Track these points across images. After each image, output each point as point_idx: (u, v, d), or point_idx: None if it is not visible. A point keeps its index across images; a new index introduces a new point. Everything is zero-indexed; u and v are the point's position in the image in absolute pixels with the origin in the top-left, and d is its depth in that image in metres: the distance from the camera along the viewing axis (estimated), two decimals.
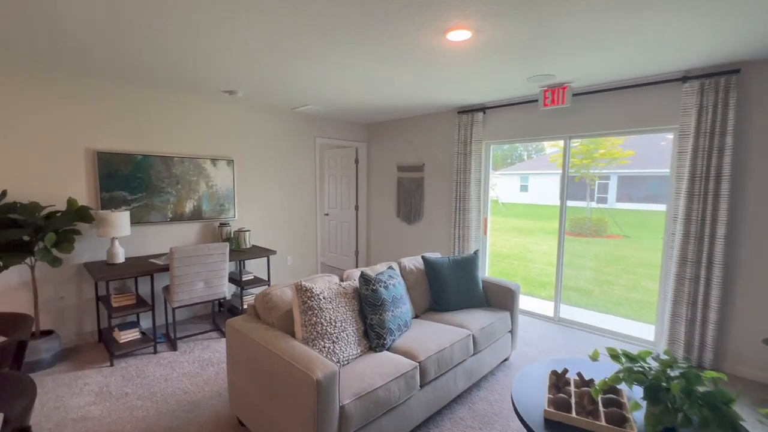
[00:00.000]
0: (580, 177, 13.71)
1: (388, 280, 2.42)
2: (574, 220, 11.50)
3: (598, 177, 15.45)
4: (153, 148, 3.66)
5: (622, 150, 10.90)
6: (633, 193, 16.65)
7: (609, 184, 16.86)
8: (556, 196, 19.16)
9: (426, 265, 3.02)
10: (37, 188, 3.07)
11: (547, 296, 5.35)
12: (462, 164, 4.39)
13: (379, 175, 5.63)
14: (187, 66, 2.89)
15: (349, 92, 3.69)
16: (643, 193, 16.12)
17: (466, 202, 4.37)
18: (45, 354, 2.86)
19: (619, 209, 15.28)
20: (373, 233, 5.81)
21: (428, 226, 4.99)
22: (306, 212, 5.07)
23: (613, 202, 16.31)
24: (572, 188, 18.37)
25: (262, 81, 3.31)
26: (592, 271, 6.56)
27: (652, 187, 15.65)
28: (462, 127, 4.37)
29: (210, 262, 3.28)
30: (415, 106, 4.40)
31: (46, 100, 3.06)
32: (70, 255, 3.23)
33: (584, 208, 14.18)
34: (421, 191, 5.01)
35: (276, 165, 4.67)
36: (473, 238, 4.36)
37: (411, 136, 5.12)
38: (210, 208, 4.09)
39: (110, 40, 2.37)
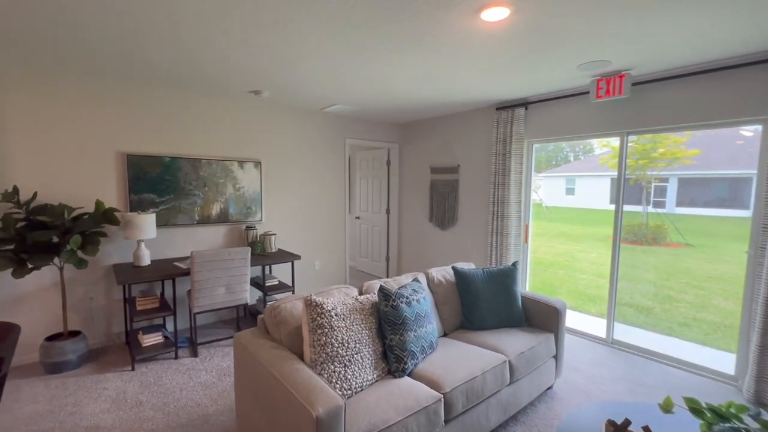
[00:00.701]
0: (636, 179, 12.60)
1: (412, 296, 2.15)
2: (628, 226, 10.52)
3: (656, 179, 14.14)
4: (181, 151, 3.65)
5: (685, 149, 9.79)
6: (696, 197, 15.05)
7: (667, 186, 15.37)
8: (605, 200, 17.84)
9: (457, 278, 2.71)
10: (69, 190, 3.12)
11: (597, 312, 4.80)
12: (501, 165, 4.01)
13: (412, 177, 5.36)
14: (214, 66, 2.81)
15: (380, 89, 3.46)
16: (709, 196, 14.52)
17: (505, 207, 3.99)
18: (71, 355, 2.88)
19: (680, 215, 13.87)
20: (405, 238, 5.54)
21: (463, 232, 4.64)
22: (335, 215, 4.91)
23: (672, 207, 14.83)
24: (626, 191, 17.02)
25: (288, 80, 3.17)
26: (651, 284, 5.84)
27: (720, 190, 14.05)
28: (501, 124, 4.00)
29: (231, 267, 3.18)
30: (450, 103, 4.09)
31: (78, 104, 3.11)
32: (95, 257, 3.27)
33: (639, 213, 13.00)
34: (456, 194, 4.68)
35: (304, 167, 4.55)
36: (512, 247, 3.96)
37: (446, 135, 4.81)
38: (237, 210, 4.03)
39: (138, 43, 2.32)
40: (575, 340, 3.57)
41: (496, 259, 4.11)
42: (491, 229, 4.14)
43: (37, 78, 2.93)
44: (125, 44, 2.43)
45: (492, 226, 4.13)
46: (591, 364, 3.10)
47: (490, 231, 4.14)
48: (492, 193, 4.11)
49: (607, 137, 3.40)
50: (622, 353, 3.30)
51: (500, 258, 4.07)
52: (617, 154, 3.38)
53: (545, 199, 19.84)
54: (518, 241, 3.98)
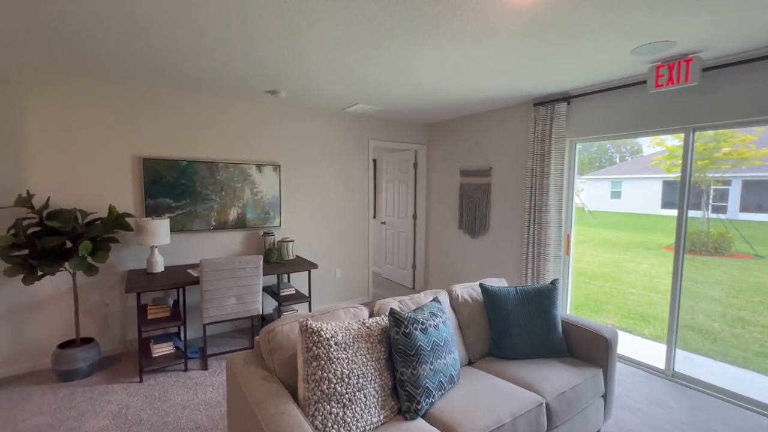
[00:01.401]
0: (695, 181, 11.43)
1: (429, 320, 1.84)
2: None
3: (716, 182, 12.74)
4: (198, 154, 3.55)
5: (756, 148, 8.68)
6: (765, 202, 13.44)
7: (729, 190, 13.86)
8: (655, 204, 16.48)
9: (485, 297, 2.36)
10: (85, 195, 3.09)
11: (652, 335, 4.21)
12: (538, 167, 3.59)
13: (440, 180, 5.01)
14: (229, 65, 2.65)
15: (403, 86, 3.18)
16: None
17: (543, 214, 3.56)
18: (82, 363, 2.81)
19: (745, 221, 12.45)
20: (432, 246, 5.20)
21: (495, 241, 4.24)
22: (358, 221, 4.67)
23: (735, 212, 13.33)
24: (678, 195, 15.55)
25: (304, 76, 2.96)
26: (717, 302, 5.09)
27: None
28: (539, 122, 3.58)
29: (242, 276, 3.01)
30: (481, 100, 3.73)
31: (94, 107, 3.08)
32: (112, 263, 3.21)
33: (697, 219, 11.76)
34: (488, 199, 4.29)
35: (325, 170, 4.35)
36: (551, 259, 3.52)
37: (476, 135, 4.43)
38: (255, 216, 3.89)
39: (153, 44, 2.20)
40: (627, 370, 3.08)
41: (533, 272, 3.68)
42: (527, 239, 3.72)
43: (53, 82, 2.92)
44: (141, 46, 2.35)
45: (528, 234, 3.71)
46: (647, 403, 2.62)
47: (525, 240, 3.72)
48: (528, 199, 3.69)
49: (667, 134, 2.91)
50: (685, 390, 2.78)
51: (537, 271, 3.64)
52: (675, 154, 2.87)
53: (587, 203, 18.62)
54: (558, 252, 3.54)
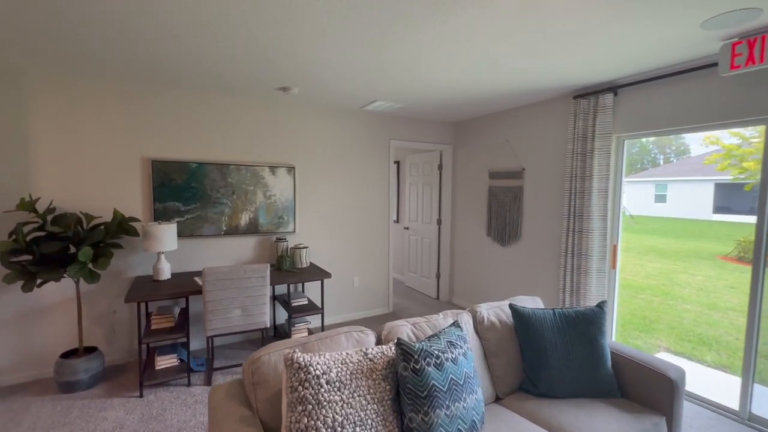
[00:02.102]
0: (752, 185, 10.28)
1: (446, 352, 1.51)
2: (744, 242, 8.52)
3: None
4: (208, 156, 3.40)
5: None
6: None
7: None
8: (707, 209, 15.15)
9: (517, 320, 2.00)
10: (93, 199, 2.99)
11: (715, 362, 3.63)
12: (579, 168, 3.16)
13: (467, 183, 4.64)
14: (239, 60, 2.45)
15: (424, 80, 2.87)
16: None
17: (584, 221, 3.12)
18: (83, 375, 2.69)
19: None
20: (458, 253, 4.82)
21: (528, 250, 3.82)
22: (378, 226, 4.38)
23: None
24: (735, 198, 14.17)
25: (317, 68, 2.72)
26: None
27: None
28: (579, 116, 3.15)
29: (247, 286, 2.80)
30: (514, 93, 3.34)
31: (102, 108, 2.98)
32: (113, 269, 3.10)
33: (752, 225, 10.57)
34: (519, 204, 3.87)
35: (343, 172, 4.10)
36: (594, 273, 3.08)
37: (507, 134, 4.04)
38: (267, 220, 3.69)
39: (161, 41, 2.03)
40: (689, 410, 2.59)
41: (572, 286, 3.24)
42: (565, 249, 3.28)
43: (59, 83, 2.84)
44: (146, 44, 2.21)
45: (566, 244, 3.28)
46: None
47: (563, 251, 3.29)
48: (567, 204, 3.26)
49: (743, 126, 2.42)
50: None
51: (577, 286, 3.20)
52: (733, 153, 2.38)
53: (629, 206, 17.41)
54: (602, 265, 3.08)
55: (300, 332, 3.46)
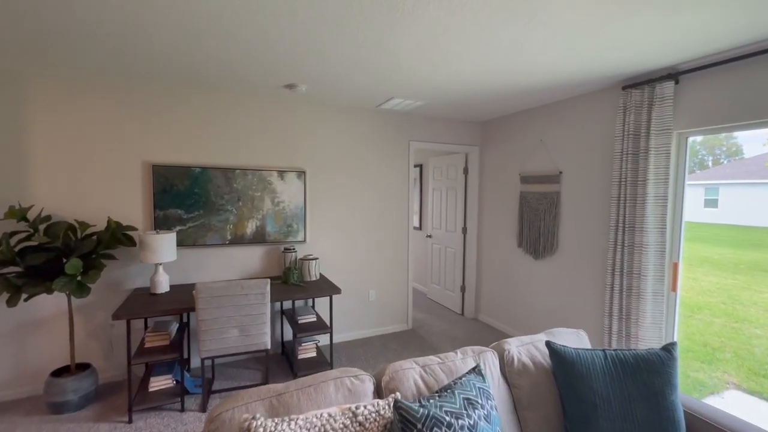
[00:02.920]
0: None
1: (462, 417, 1.14)
2: None
3: None
4: (212, 160, 3.18)
5: None
6: None
7: None
8: (766, 215, 13.76)
9: (555, 362, 1.58)
10: (91, 206, 2.83)
11: None
12: (630, 172, 2.68)
13: (495, 188, 4.20)
14: (241, 55, 2.20)
15: (444, 72, 2.50)
16: None
17: (637, 234, 2.63)
18: (72, 395, 2.51)
19: None
20: (485, 266, 4.38)
21: (566, 266, 3.34)
22: (396, 235, 4.03)
23: None
24: None
25: (327, 63, 2.42)
26: None
27: None
28: (631, 110, 2.67)
29: (244, 304, 2.53)
30: (551, 85, 2.91)
31: (101, 111, 2.82)
32: (112, 281, 2.92)
33: None
34: (556, 212, 3.40)
35: (358, 176, 3.79)
36: (649, 296, 2.58)
37: (542, 133, 3.58)
38: (275, 229, 3.43)
39: (161, 39, 1.82)
40: None
41: (621, 312, 2.75)
42: (612, 266, 2.80)
43: (56, 85, 2.70)
44: (148, 42, 2.06)
45: (614, 260, 2.79)
46: None
47: (610, 268, 2.81)
48: (615, 213, 2.78)
49: None
50: None
51: (627, 311, 2.70)
52: None
53: None
54: (659, 287, 2.57)
55: (307, 351, 3.16)
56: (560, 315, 3.40)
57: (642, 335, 2.60)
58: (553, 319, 3.48)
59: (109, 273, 2.91)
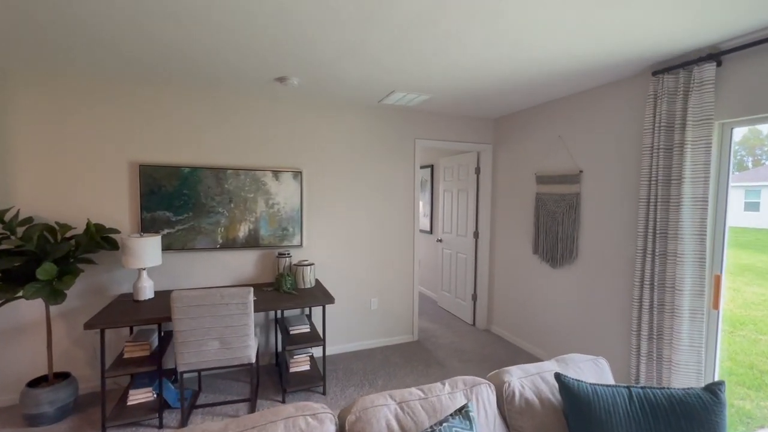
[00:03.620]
0: None
1: None
2: None
3: None
4: (202, 160, 3.03)
5: None
6: None
7: None
8: None
9: (567, 400, 1.29)
10: (75, 207, 2.72)
11: None
12: (662, 169, 2.32)
13: (509, 189, 3.87)
14: (233, 45, 2.02)
15: (452, 61, 2.24)
16: None
17: (670, 241, 2.28)
18: (47, 407, 2.37)
19: None
20: (499, 274, 4.05)
21: (587, 275, 2.98)
22: (401, 240, 3.77)
23: None
24: None
25: (318, 50, 2.21)
26: None
27: None
28: (662, 99, 2.32)
29: (225, 314, 2.33)
30: (570, 72, 2.59)
31: (86, 109, 2.70)
32: (99, 285, 2.78)
33: None
34: (575, 216, 3.06)
35: (359, 177, 3.55)
36: (686, 313, 2.21)
37: (560, 128, 3.25)
38: (270, 232, 3.24)
39: (145, 29, 1.67)
40: None
41: (651, 331, 2.39)
42: (641, 278, 2.44)
43: (41, 83, 2.59)
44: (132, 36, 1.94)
45: (643, 271, 2.43)
46: None
47: (638, 280, 2.45)
48: (644, 217, 2.42)
49: None
50: None
51: (659, 331, 2.34)
52: None
53: None
54: (698, 303, 2.20)
55: (300, 365, 2.94)
56: (580, 330, 3.04)
57: (677, 359, 2.23)
58: (571, 334, 3.12)
59: (95, 277, 2.79)
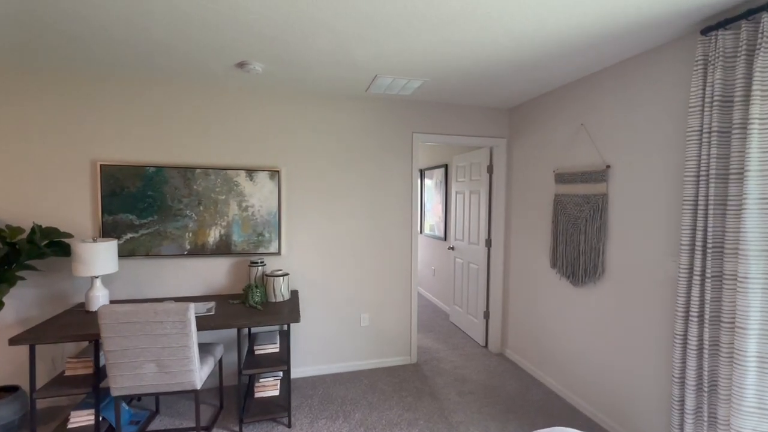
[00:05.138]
0: None
1: None
2: None
3: None
4: (169, 158, 2.78)
5: None
6: None
7: None
8: None
9: None
10: (33, 211, 2.56)
11: None
12: (714, 159, 1.70)
13: (525, 190, 3.29)
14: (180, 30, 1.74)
15: (445, 21, 1.79)
16: None
17: (726, 258, 1.65)
18: None
19: None
20: (514, 288, 3.47)
21: (616, 298, 2.36)
22: (396, 247, 3.32)
23: None
24: None
25: (278, 25, 1.86)
26: None
27: None
28: (716, 64, 1.70)
29: (160, 333, 2.01)
30: (593, 40, 2.02)
31: (43, 103, 2.54)
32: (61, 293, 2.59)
33: None
34: (601, 222, 2.45)
35: (347, 177, 3.16)
36: (752, 360, 1.57)
37: (583, 115, 2.65)
38: (243, 238, 2.93)
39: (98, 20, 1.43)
40: None
41: (700, 381, 1.76)
42: (687, 307, 1.82)
43: None
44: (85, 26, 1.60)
45: (689, 297, 1.81)
46: None
47: (683, 310, 1.83)
48: (690, 224, 1.81)
49: None
50: None
51: (713, 383, 1.71)
52: None
53: None
54: (766, 346, 1.56)
55: (267, 389, 2.59)
56: (606, 368, 2.42)
57: (737, 424, 1.60)
58: (594, 372, 2.50)
59: (56, 285, 2.61)
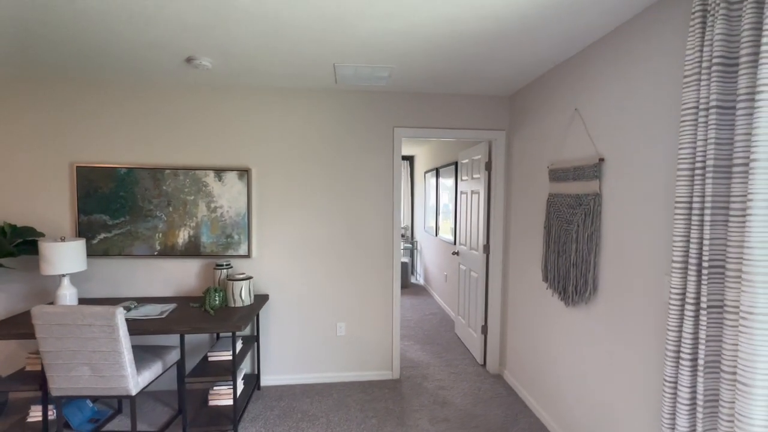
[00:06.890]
0: None
1: None
2: None
3: None
4: (139, 159, 2.79)
5: None
6: None
7: None
8: None
9: None
10: (10, 211, 2.70)
11: None
12: (713, 146, 1.25)
13: (522, 189, 2.87)
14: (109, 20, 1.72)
15: None
16: None
17: (729, 282, 1.19)
18: None
19: None
20: (513, 302, 3.05)
21: (609, 322, 1.91)
22: (375, 250, 3.07)
23: None
24: None
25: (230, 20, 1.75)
26: None
27: None
28: (716, 15, 1.24)
29: (89, 337, 1.98)
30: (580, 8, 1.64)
31: (20, 108, 2.67)
32: (37, 290, 2.72)
33: None
34: (594, 228, 1.99)
35: (321, 175, 2.97)
36: (760, 400, 1.11)
37: (578, 98, 2.20)
38: (212, 239, 2.87)
39: None
40: None
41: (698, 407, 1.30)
42: (678, 346, 1.36)
43: None
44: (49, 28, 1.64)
45: (681, 334, 1.36)
46: None
47: (674, 349, 1.38)
48: (683, 233, 1.35)
49: None
50: None
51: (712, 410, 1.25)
52: None
53: None
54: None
55: (221, 398, 2.49)
56: (597, 405, 1.97)
57: None
58: (586, 402, 2.05)
59: (35, 282, 2.75)
